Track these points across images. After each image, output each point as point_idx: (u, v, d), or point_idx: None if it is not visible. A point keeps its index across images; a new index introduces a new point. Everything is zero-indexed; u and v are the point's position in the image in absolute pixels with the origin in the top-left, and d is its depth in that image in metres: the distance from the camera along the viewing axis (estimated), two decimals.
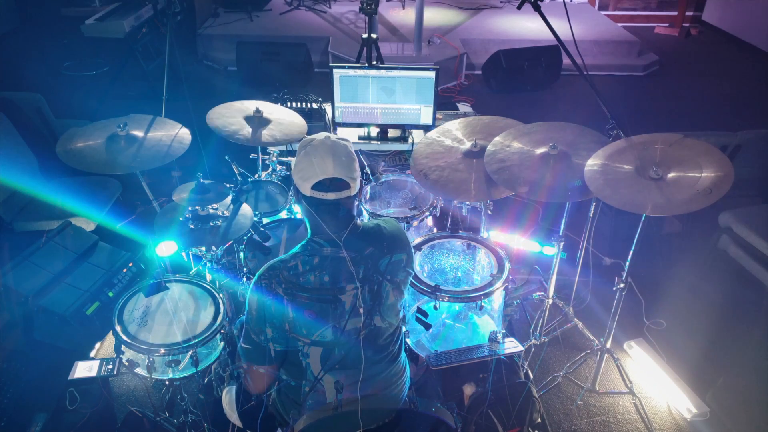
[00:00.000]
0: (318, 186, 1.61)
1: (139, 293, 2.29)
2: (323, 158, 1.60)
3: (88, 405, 2.33)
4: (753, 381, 2.63)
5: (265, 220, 2.79)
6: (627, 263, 2.42)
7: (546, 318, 2.90)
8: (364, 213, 2.88)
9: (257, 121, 2.83)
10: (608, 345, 2.67)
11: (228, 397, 2.07)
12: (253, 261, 2.47)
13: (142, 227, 3.29)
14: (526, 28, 6.94)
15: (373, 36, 4.57)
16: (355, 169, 1.65)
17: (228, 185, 2.44)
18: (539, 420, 2.31)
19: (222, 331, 2.20)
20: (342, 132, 3.41)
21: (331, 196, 1.62)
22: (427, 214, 2.88)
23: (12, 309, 2.64)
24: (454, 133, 2.70)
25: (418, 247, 2.57)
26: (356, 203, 1.72)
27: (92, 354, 2.77)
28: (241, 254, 2.53)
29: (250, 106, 2.90)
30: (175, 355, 2.10)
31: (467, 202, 2.90)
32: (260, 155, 3.24)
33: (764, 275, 3.10)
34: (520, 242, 3.18)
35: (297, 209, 2.96)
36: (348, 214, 1.68)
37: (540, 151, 2.38)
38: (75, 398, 2.33)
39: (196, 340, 2.11)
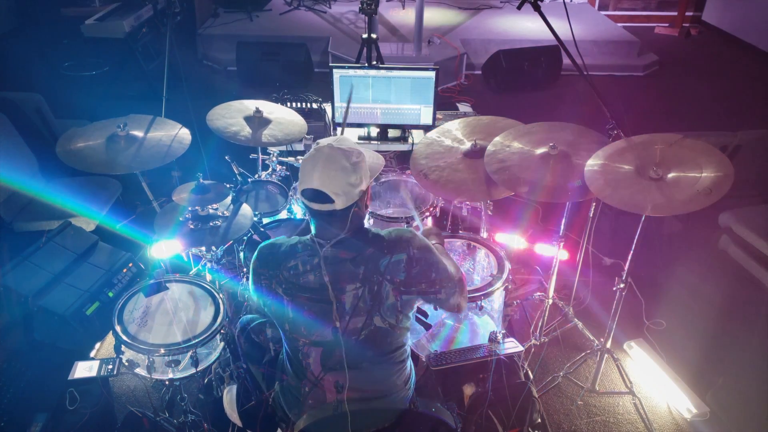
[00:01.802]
0: (304, 193, 1.61)
1: (139, 293, 2.29)
2: (312, 168, 1.58)
3: (88, 405, 2.32)
4: (753, 381, 2.62)
5: (265, 220, 2.79)
6: (627, 263, 2.42)
7: (546, 318, 2.90)
8: None
9: (257, 121, 2.83)
10: (608, 345, 2.67)
11: (229, 396, 2.08)
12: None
13: (142, 227, 3.29)
14: (526, 28, 6.93)
15: (373, 36, 4.57)
16: (348, 183, 1.58)
17: (228, 185, 2.44)
18: (539, 420, 2.31)
19: (222, 331, 2.20)
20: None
21: (315, 206, 1.62)
22: (427, 214, 2.88)
23: (12, 309, 2.64)
24: (454, 133, 2.70)
25: None
26: (356, 213, 1.65)
27: (92, 354, 2.77)
28: (241, 254, 2.53)
29: (249, 105, 2.90)
30: (175, 355, 2.11)
31: (467, 202, 2.90)
32: (260, 155, 3.24)
33: (764, 275, 3.10)
34: (520, 242, 3.17)
35: (297, 209, 2.96)
36: (341, 224, 1.64)
37: (540, 151, 2.38)
38: (75, 398, 2.32)
39: (196, 341, 2.12)
